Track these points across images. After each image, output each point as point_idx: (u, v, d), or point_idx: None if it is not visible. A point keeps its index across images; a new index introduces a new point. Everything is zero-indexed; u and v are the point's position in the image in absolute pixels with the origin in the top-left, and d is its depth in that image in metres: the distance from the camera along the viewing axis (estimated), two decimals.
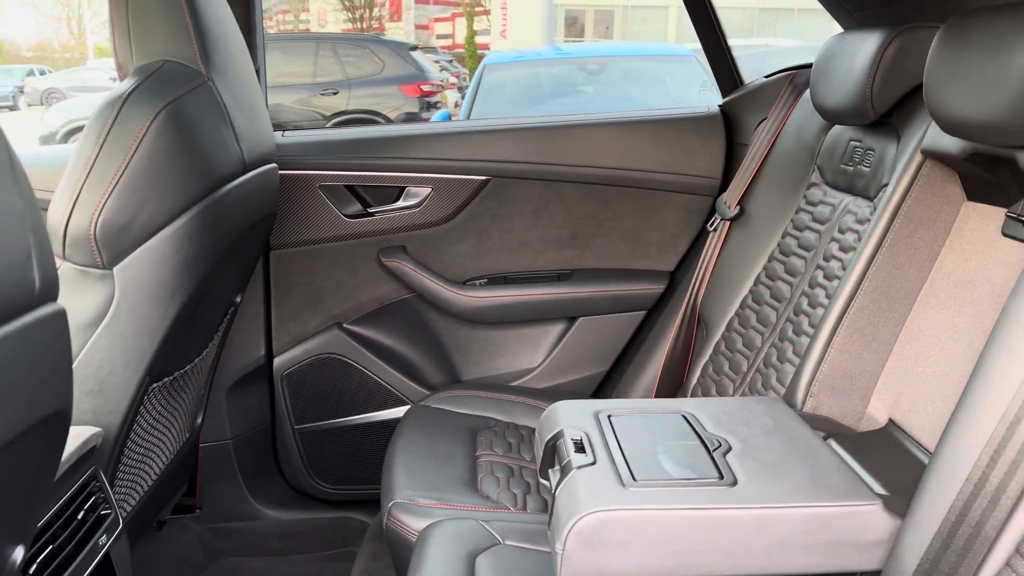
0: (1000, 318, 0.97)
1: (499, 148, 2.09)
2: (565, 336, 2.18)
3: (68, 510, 1.21)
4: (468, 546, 1.33)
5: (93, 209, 1.26)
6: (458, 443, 1.75)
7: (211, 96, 1.44)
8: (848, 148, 1.58)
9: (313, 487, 2.21)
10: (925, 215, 1.32)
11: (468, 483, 1.60)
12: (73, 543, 1.20)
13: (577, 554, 1.01)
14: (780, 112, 1.88)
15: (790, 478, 1.09)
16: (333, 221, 2.08)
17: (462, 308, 2.14)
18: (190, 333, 1.55)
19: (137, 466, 1.52)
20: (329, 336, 2.14)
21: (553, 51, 8.37)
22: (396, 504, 1.51)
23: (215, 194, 1.43)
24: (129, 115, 1.30)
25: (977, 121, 1.10)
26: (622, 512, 1.02)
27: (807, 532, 1.03)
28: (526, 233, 2.14)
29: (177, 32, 1.42)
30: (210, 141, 1.41)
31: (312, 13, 29.22)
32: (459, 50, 22.39)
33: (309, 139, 2.12)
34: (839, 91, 1.53)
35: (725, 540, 1.03)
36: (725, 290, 1.86)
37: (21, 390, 0.71)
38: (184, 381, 1.64)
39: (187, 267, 1.37)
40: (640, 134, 2.11)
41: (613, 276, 2.17)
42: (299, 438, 2.19)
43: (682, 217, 2.14)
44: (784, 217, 1.75)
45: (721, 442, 1.18)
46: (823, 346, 1.35)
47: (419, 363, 2.20)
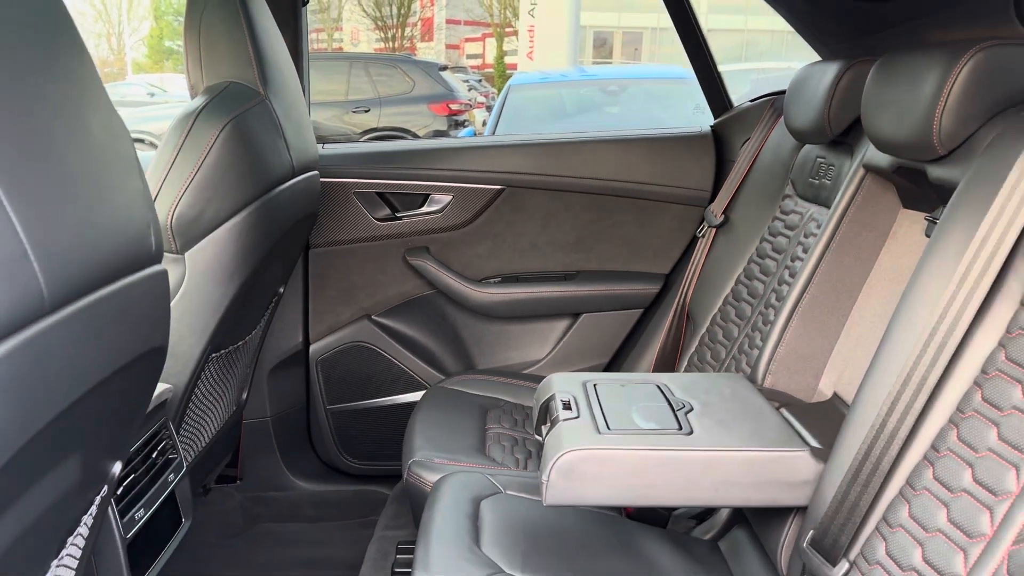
0: (900, 299, 1.20)
1: (513, 161, 2.35)
2: (569, 331, 2.43)
3: (144, 450, 1.47)
4: (474, 493, 1.57)
5: (170, 204, 1.53)
6: (470, 418, 1.99)
7: (267, 112, 1.71)
8: (815, 164, 1.81)
9: (342, 462, 2.46)
10: (867, 220, 1.55)
11: (478, 448, 1.85)
12: (148, 476, 1.46)
13: (559, 484, 1.25)
14: (761, 132, 2.12)
15: (737, 431, 1.32)
16: (365, 224, 2.35)
17: (478, 303, 2.39)
18: (243, 313, 1.81)
19: (196, 425, 1.78)
20: (359, 326, 2.40)
21: (578, 72, 8.65)
22: (415, 462, 1.76)
23: (269, 194, 1.69)
24: (201, 128, 1.57)
25: (897, 140, 1.33)
26: (596, 451, 1.26)
27: (747, 472, 1.26)
28: (536, 237, 2.39)
29: (240, 58, 1.70)
30: (266, 150, 1.68)
31: (345, 32, 29.79)
32: (489, 70, 22.79)
33: (346, 151, 2.40)
34: (805, 114, 1.77)
35: (679, 476, 1.26)
36: (710, 289, 2.09)
37: (140, 324, 0.97)
38: (236, 355, 1.90)
39: (244, 254, 1.63)
40: (639, 151, 2.36)
41: (613, 277, 2.41)
42: (331, 417, 2.44)
43: (676, 225, 2.37)
44: (762, 224, 1.98)
45: (685, 404, 1.41)
46: (780, 331, 1.58)
47: (438, 352, 2.45)
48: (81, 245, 0.80)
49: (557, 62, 13.22)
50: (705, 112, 2.46)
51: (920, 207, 1.48)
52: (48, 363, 0.77)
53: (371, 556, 1.98)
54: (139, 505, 1.40)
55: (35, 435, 0.78)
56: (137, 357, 0.98)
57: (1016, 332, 1.04)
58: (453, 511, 1.51)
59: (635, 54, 27.67)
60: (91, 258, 0.82)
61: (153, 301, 1.00)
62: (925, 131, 1.25)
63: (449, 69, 11.38)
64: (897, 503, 1.11)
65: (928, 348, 1.11)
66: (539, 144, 2.38)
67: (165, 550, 1.50)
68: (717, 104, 2.42)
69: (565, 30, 13.57)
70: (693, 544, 1.58)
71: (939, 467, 1.06)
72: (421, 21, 28.45)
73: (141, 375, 1.03)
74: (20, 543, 0.88)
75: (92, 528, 1.16)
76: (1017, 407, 0.98)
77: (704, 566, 1.50)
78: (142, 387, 1.08)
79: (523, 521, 1.51)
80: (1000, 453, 0.98)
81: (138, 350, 0.97)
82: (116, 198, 0.89)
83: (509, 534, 1.45)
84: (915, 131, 1.27)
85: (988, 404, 1.03)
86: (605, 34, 27.89)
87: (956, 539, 0.99)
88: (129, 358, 0.95)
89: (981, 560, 0.95)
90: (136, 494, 1.41)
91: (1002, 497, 0.95)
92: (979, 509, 0.98)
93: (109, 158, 0.89)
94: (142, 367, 1.02)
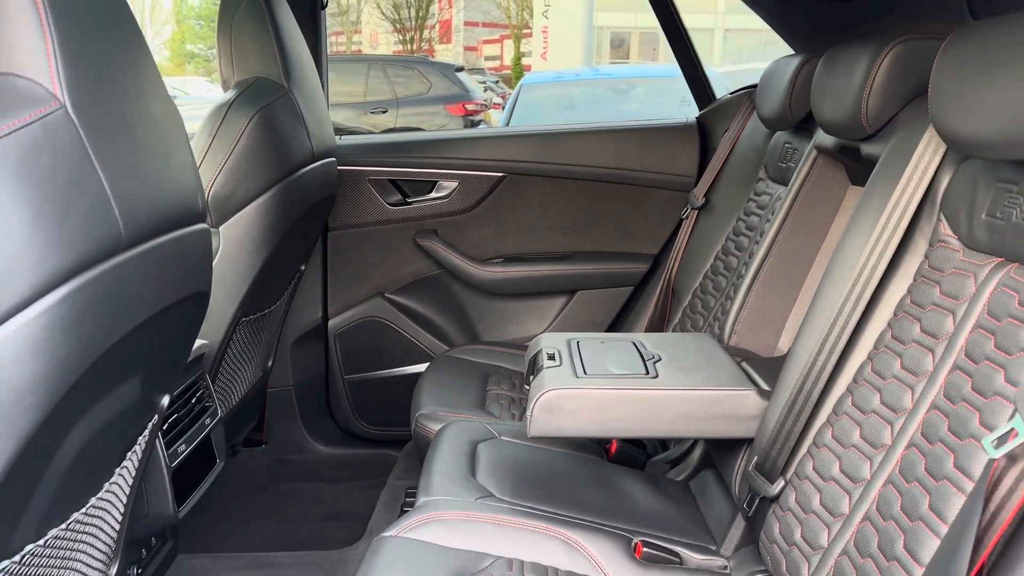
0: (831, 257, 1.40)
1: (513, 150, 2.56)
2: (566, 306, 2.63)
3: (185, 396, 1.69)
4: (472, 437, 1.78)
5: (207, 184, 1.75)
6: (473, 380, 2.20)
7: (291, 104, 1.94)
8: (783, 149, 2.01)
9: (358, 427, 2.68)
10: (819, 196, 1.75)
11: (478, 405, 2.06)
12: (188, 418, 1.68)
13: (541, 417, 1.46)
14: (739, 122, 2.32)
15: (696, 375, 1.53)
16: (379, 209, 2.57)
17: (482, 281, 2.60)
18: (269, 283, 2.03)
19: (228, 382, 2.01)
20: (374, 303, 2.62)
21: (590, 72, 8.85)
22: (421, 414, 1.97)
23: (292, 176, 1.92)
24: (233, 117, 1.79)
25: (837, 121, 1.53)
26: (573, 390, 1.47)
27: (700, 407, 1.47)
28: (535, 221, 2.60)
29: (267, 56, 1.92)
30: (290, 137, 1.90)
31: (364, 35, 30.07)
32: (506, 71, 23.00)
33: (361, 142, 2.62)
34: (772, 103, 1.97)
35: (643, 411, 1.47)
36: (693, 266, 2.29)
37: (191, 269, 1.19)
38: (263, 323, 2.12)
39: (271, 228, 1.86)
40: (630, 140, 2.57)
41: (606, 257, 2.61)
42: (347, 386, 2.66)
43: (664, 209, 2.57)
44: (738, 206, 2.18)
45: (655, 356, 1.61)
46: (743, 296, 1.78)
47: (446, 327, 2.67)
48: (149, 198, 1.02)
49: (571, 62, 13.41)
50: (691, 104, 2.66)
51: (864, 183, 1.68)
52: (124, 289, 0.99)
53: (383, 500, 2.19)
54: (181, 440, 1.63)
55: (109, 349, 1.00)
56: (187, 296, 1.19)
57: (920, 280, 1.24)
58: (453, 450, 1.72)
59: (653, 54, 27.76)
60: (157, 209, 1.04)
61: (201, 251, 1.22)
62: (856, 113, 1.45)
63: (465, 70, 11.58)
64: (823, 428, 1.30)
65: (851, 296, 1.31)
66: (537, 135, 2.59)
67: (202, 484, 1.72)
68: (701, 97, 2.62)
69: (579, 30, 13.77)
70: (667, 483, 1.78)
71: (856, 395, 1.26)
72: (439, 23, 28.68)
73: (188, 314, 1.25)
74: (94, 443, 1.10)
75: (144, 451, 1.38)
76: (916, 340, 1.18)
77: (674, 500, 1.70)
78: (188, 325, 1.29)
79: (515, 460, 1.72)
80: (901, 379, 1.18)
81: (189, 290, 1.19)
82: (173, 165, 1.11)
83: (501, 469, 1.66)
84: (849, 113, 1.47)
85: (895, 340, 1.23)
86: (623, 35, 27.99)
87: (865, 451, 1.19)
88: (183, 295, 1.17)
89: (882, 465, 1.15)
90: (179, 432, 1.64)
91: (900, 413, 1.15)
92: (883, 425, 1.18)
93: (167, 134, 1.11)
94: (190, 307, 1.24)
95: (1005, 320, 1.02)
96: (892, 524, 1.06)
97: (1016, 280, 1.04)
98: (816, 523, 1.22)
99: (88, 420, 1.05)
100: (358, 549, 2.11)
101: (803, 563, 1.22)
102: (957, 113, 1.09)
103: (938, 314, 1.15)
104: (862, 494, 1.16)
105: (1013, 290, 1.03)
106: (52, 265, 0.86)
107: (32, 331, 0.85)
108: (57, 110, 0.88)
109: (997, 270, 1.08)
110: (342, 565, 2.07)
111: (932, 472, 1.03)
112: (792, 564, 1.24)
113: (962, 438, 1.00)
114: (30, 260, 0.83)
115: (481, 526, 1.43)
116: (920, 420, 1.11)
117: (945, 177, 1.23)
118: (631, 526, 1.52)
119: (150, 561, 1.72)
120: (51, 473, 1.00)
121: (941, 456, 1.02)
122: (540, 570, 1.36)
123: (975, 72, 1.06)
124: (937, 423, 1.06)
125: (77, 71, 0.92)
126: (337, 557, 2.11)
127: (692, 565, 1.47)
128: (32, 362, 0.85)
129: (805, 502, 1.26)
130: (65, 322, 0.88)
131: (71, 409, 0.96)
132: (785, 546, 1.28)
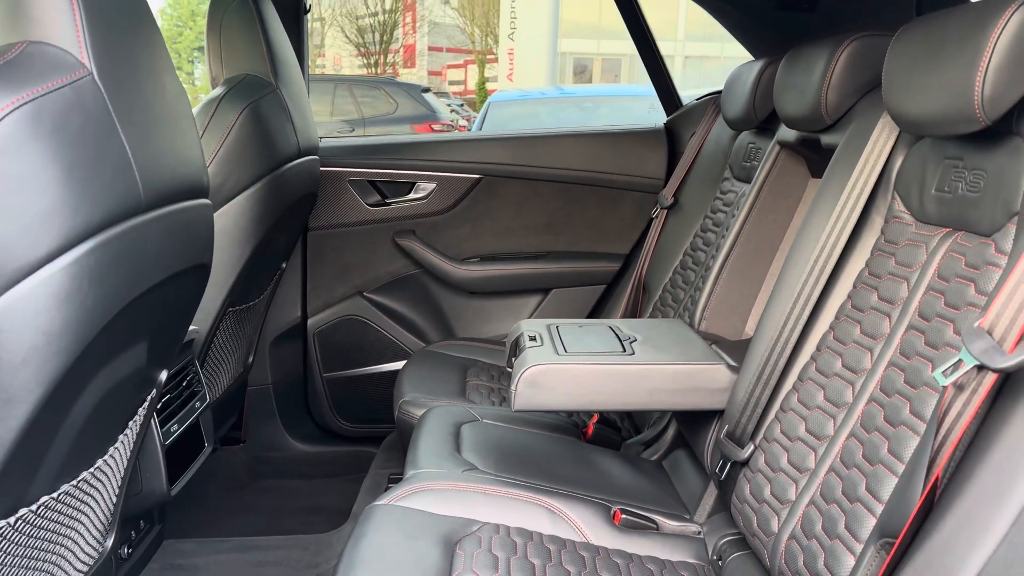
0: (795, 237, 1.51)
1: (489, 153, 2.65)
2: (541, 304, 2.72)
3: (176, 378, 1.74)
4: (456, 419, 1.85)
5: None
6: (453, 372, 2.27)
7: (278, 101, 2.01)
8: (747, 148, 2.12)
9: (336, 424, 2.73)
10: (781, 189, 1.86)
11: (459, 393, 2.13)
12: (180, 400, 1.73)
13: (524, 392, 1.53)
14: (705, 126, 2.43)
15: (669, 352, 1.61)
16: (358, 209, 2.63)
17: (460, 280, 2.67)
18: (254, 276, 2.09)
19: (214, 371, 2.05)
20: (352, 301, 2.68)
21: (556, 91, 9.03)
22: (404, 401, 2.03)
23: (279, 170, 1.98)
24: (223, 112, 1.86)
25: (798, 115, 1.65)
26: (554, 366, 1.55)
27: (673, 380, 1.55)
28: (511, 221, 2.69)
29: (255, 54, 1.99)
30: (278, 132, 1.97)
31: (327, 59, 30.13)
32: (471, 96, 23.22)
33: (341, 144, 2.69)
34: (737, 105, 2.08)
35: (620, 385, 1.55)
36: (663, 263, 2.39)
37: (198, 239, 1.25)
38: (246, 315, 2.17)
39: (258, 220, 1.92)
40: (602, 144, 2.67)
41: (580, 257, 2.71)
42: (326, 384, 2.71)
43: (635, 210, 2.68)
44: (705, 204, 2.29)
45: (631, 337, 1.70)
46: (712, 283, 1.88)
47: (423, 325, 2.73)
48: (164, 167, 1.09)
49: (537, 83, 13.63)
50: (659, 111, 2.77)
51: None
52: (143, 249, 1.05)
53: (365, 487, 2.24)
54: (173, 420, 1.67)
55: (127, 306, 1.06)
56: (193, 266, 1.26)
57: (876, 253, 1.34)
58: (438, 430, 1.79)
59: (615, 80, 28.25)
60: (170, 178, 1.11)
61: (206, 225, 1.28)
62: (816, 105, 1.56)
63: (432, 92, 11.69)
64: (790, 394, 1.40)
65: (813, 272, 1.41)
66: (513, 138, 2.69)
67: (192, 465, 1.76)
68: (669, 104, 2.74)
69: (544, 53, 14.01)
70: (642, 462, 1.86)
71: (820, 361, 1.36)
72: (403, 48, 28.86)
73: (191, 285, 1.31)
74: (103, 404, 1.15)
75: (142, 425, 1.43)
76: (874, 307, 1.28)
77: (649, 476, 1.78)
78: (190, 298, 1.35)
79: (497, 440, 1.79)
80: (861, 343, 1.28)
81: (195, 260, 1.25)
82: (184, 139, 1.18)
83: (485, 447, 1.73)
84: (810, 106, 1.58)
85: (855, 308, 1.33)
86: (585, 61, 28.46)
87: (828, 410, 1.28)
88: (189, 264, 1.23)
89: (844, 421, 1.24)
90: (171, 412, 1.68)
91: (861, 374, 1.25)
92: (845, 385, 1.27)
93: (179, 110, 1.18)
94: (193, 278, 1.30)
95: (953, 280, 1.12)
96: (855, 471, 1.16)
97: (963, 245, 1.14)
98: (784, 480, 1.31)
99: (102, 377, 1.11)
100: (343, 531, 2.16)
101: (773, 517, 1.30)
102: (908, 96, 1.21)
103: (894, 282, 1.25)
104: (827, 449, 1.25)
105: (960, 254, 1.14)
106: (81, 219, 0.92)
107: (63, 280, 0.91)
108: (86, 76, 0.95)
109: (946, 239, 1.19)
110: (328, 546, 2.11)
111: (890, 420, 1.13)
112: (763, 519, 1.33)
113: (916, 387, 1.10)
114: (62, 213, 0.90)
115: (469, 495, 1.50)
116: (879, 377, 1.21)
117: (898, 159, 1.35)
118: (609, 496, 1.60)
119: (139, 542, 1.76)
120: (68, 425, 1.05)
121: (898, 405, 1.12)
122: (525, 534, 1.43)
123: (923, 58, 1.18)
124: (894, 377, 1.16)
125: (103, 43, 0.99)
126: (323, 540, 2.15)
127: (667, 530, 1.55)
128: (63, 308, 0.91)
129: (774, 462, 1.35)
130: (92, 273, 0.94)
131: (92, 360, 1.02)
132: (756, 504, 1.36)
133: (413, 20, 27.55)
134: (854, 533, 1.10)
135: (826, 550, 1.14)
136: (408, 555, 1.31)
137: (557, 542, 1.42)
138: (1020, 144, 1.06)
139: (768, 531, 1.29)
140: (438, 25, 27.83)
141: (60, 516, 1.15)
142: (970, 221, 1.14)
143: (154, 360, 1.32)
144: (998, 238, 1.07)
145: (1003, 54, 1.02)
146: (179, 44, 31.59)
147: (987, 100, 1.04)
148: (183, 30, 33.30)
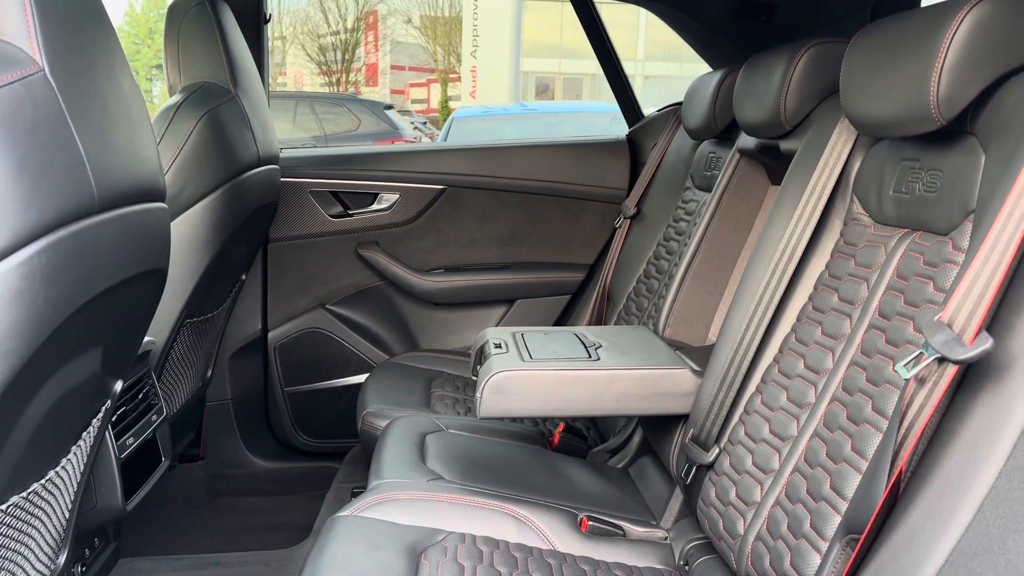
0: (756, 241, 1.52)
1: (453, 164, 2.64)
2: (506, 315, 2.71)
3: (132, 391, 1.69)
4: (421, 430, 1.82)
5: None
6: (417, 383, 2.25)
7: (238, 108, 1.98)
8: (708, 158, 2.14)
9: (298, 440, 2.68)
10: (742, 196, 1.88)
11: (424, 404, 2.10)
12: (136, 413, 1.68)
13: (490, 399, 1.52)
14: (667, 137, 2.45)
15: (635, 357, 1.61)
16: (320, 220, 2.61)
17: (424, 291, 2.65)
18: (212, 287, 2.05)
19: (171, 384, 2.01)
20: (314, 314, 2.65)
21: (519, 107, 9.08)
22: (368, 412, 2.00)
23: (238, 178, 1.95)
24: (181, 119, 1.83)
25: (757, 122, 1.67)
26: (520, 372, 1.53)
27: (639, 386, 1.55)
28: (475, 232, 2.68)
29: (214, 61, 1.97)
30: (237, 140, 1.94)
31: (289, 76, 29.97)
32: (434, 114, 23.24)
33: (302, 154, 2.67)
34: (697, 115, 2.10)
35: (587, 391, 1.54)
36: (626, 272, 2.40)
37: (153, 243, 1.22)
38: (205, 327, 2.13)
39: (217, 228, 1.88)
40: (565, 155, 2.68)
41: (544, 267, 2.70)
42: (287, 398, 2.66)
43: (598, 220, 2.69)
44: (668, 214, 2.30)
45: (596, 343, 1.70)
46: (675, 292, 1.88)
47: (387, 338, 2.71)
48: (119, 167, 1.06)
49: (499, 101, 13.69)
50: (621, 122, 2.79)
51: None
52: (97, 250, 1.02)
53: (328, 501, 2.20)
54: (129, 434, 1.63)
55: (80, 308, 1.03)
56: (148, 271, 1.23)
57: (836, 255, 1.36)
58: (402, 440, 1.76)
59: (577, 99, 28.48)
60: (126, 178, 1.08)
61: (163, 229, 1.26)
62: (775, 112, 1.58)
63: (394, 110, 11.69)
64: (753, 396, 1.40)
65: (774, 276, 1.42)
66: (476, 149, 2.68)
67: (148, 480, 1.72)
68: (631, 115, 2.76)
69: (506, 71, 14.09)
70: (608, 470, 1.86)
71: (782, 363, 1.36)
72: (366, 66, 28.83)
73: (147, 291, 1.28)
74: (55, 411, 1.12)
75: (96, 436, 1.38)
76: (835, 308, 1.29)
77: (615, 483, 1.78)
78: (146, 304, 1.32)
79: (463, 449, 1.77)
80: (822, 343, 1.29)
81: (150, 264, 1.22)
82: (139, 141, 1.15)
83: (451, 457, 1.71)
84: (769, 112, 1.60)
85: (816, 310, 1.34)
86: (547, 80, 28.71)
87: (792, 411, 1.29)
88: (144, 268, 1.20)
89: (807, 421, 1.25)
90: (126, 425, 1.64)
91: (823, 374, 1.26)
92: (807, 386, 1.28)
93: (134, 110, 1.16)
94: (149, 283, 1.27)
95: (912, 279, 1.14)
96: (819, 470, 1.16)
97: (921, 244, 1.16)
98: (750, 481, 1.31)
99: (54, 383, 1.07)
100: (306, 547, 2.11)
101: (739, 519, 1.30)
102: (865, 98, 1.23)
103: (854, 283, 1.27)
104: (791, 449, 1.25)
105: (918, 253, 1.15)
106: (32, 217, 0.89)
107: (13, 279, 0.88)
108: (37, 72, 0.93)
109: (904, 238, 1.20)
110: (289, 562, 2.06)
111: (853, 419, 1.13)
112: (728, 522, 1.33)
113: (878, 384, 1.11)
114: (12, 209, 0.87)
115: (434, 504, 1.48)
116: (841, 377, 1.21)
117: (856, 162, 1.36)
118: (576, 503, 1.59)
119: (94, 560, 1.70)
120: (18, 432, 1.01)
121: (860, 404, 1.13)
122: (492, 543, 1.41)
123: (880, 60, 1.19)
124: (856, 376, 1.17)
125: (55, 40, 0.96)
126: (285, 555, 2.11)
127: (634, 537, 1.54)
128: (12, 308, 0.88)
129: (739, 464, 1.35)
130: (44, 273, 0.91)
131: (43, 364, 0.98)
132: (721, 507, 1.36)
133: (375, 39, 27.53)
134: (819, 531, 1.10)
135: (792, 549, 1.14)
136: (372, 565, 1.28)
137: (524, 550, 1.40)
138: (975, 143, 1.08)
139: (734, 533, 1.29)
140: (400, 44, 27.84)
141: (8, 530, 1.11)
142: (928, 221, 1.15)
143: (108, 369, 1.28)
144: (955, 236, 1.08)
145: (957, 54, 1.04)
146: (137, 62, 31.20)
147: (942, 100, 1.06)
148: (141, 48, 32.94)
